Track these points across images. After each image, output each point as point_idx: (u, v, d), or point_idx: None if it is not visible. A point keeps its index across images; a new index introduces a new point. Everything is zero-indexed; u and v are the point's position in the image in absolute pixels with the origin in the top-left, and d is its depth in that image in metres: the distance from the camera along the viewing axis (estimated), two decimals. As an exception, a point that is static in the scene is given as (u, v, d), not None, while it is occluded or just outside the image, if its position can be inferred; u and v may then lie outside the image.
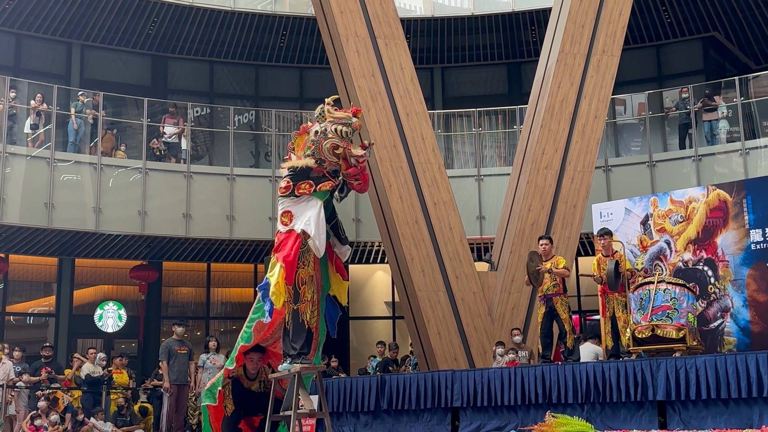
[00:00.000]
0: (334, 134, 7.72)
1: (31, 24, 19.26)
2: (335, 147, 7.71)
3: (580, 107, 14.82)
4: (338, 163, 7.76)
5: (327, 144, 7.72)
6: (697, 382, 8.81)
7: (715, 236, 12.57)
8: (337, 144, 7.71)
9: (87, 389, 14.17)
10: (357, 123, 7.78)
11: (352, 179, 7.87)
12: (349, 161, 7.76)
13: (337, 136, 7.71)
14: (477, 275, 14.20)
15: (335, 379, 12.34)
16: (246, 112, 20.47)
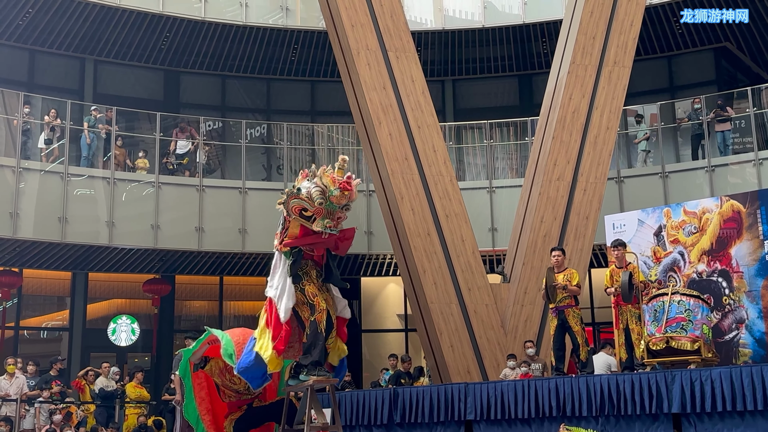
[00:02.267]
0: (306, 197, 7.49)
1: (45, 40, 19.41)
2: (301, 209, 7.59)
3: (592, 118, 14.80)
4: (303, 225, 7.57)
5: (294, 203, 7.60)
6: (713, 394, 8.76)
7: (729, 247, 12.51)
8: (303, 207, 7.52)
9: (100, 403, 14.19)
10: (337, 197, 7.45)
11: (320, 245, 7.68)
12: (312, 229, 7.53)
13: (308, 200, 7.49)
14: (489, 287, 14.16)
15: (348, 392, 12.31)
16: (258, 126, 20.53)
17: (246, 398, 8.74)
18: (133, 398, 14.60)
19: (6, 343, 17.76)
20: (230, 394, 8.70)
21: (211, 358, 8.61)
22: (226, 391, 8.69)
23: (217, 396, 8.74)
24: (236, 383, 8.66)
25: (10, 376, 13.50)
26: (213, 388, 8.73)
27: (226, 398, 8.72)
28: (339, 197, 7.46)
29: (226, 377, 8.62)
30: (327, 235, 7.45)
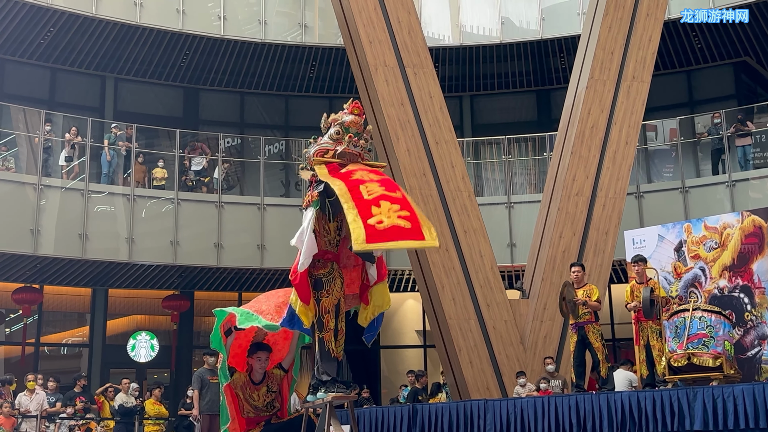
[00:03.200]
0: (326, 140, 7.48)
1: (66, 58, 19.61)
2: (323, 152, 7.57)
3: (611, 133, 14.75)
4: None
5: (314, 149, 7.61)
6: (735, 411, 8.65)
7: (750, 262, 12.39)
8: (324, 149, 7.43)
9: (120, 419, 14.23)
10: (350, 121, 7.32)
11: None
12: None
13: (327, 140, 7.40)
14: (508, 303, 14.10)
15: (367, 408, 12.28)
16: (276, 142, 20.63)
17: (264, 414, 8.74)
18: (152, 415, 14.62)
19: (26, 360, 17.86)
20: (249, 410, 8.70)
21: (236, 370, 8.62)
22: (246, 406, 8.68)
23: (238, 409, 8.74)
24: (256, 399, 8.66)
25: (30, 392, 13.58)
26: (236, 401, 8.73)
27: (245, 413, 8.71)
28: (353, 121, 7.41)
29: (247, 391, 8.63)
30: (354, 157, 7.28)
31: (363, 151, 7.47)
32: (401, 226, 6.02)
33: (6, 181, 16.18)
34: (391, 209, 6.14)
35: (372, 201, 6.15)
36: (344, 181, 6.62)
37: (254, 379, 8.62)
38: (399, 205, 6.10)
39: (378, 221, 6.03)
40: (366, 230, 5.95)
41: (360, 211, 6.08)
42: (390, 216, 6.08)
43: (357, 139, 7.41)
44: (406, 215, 6.10)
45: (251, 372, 8.63)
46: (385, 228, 6.00)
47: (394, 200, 6.16)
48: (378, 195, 6.21)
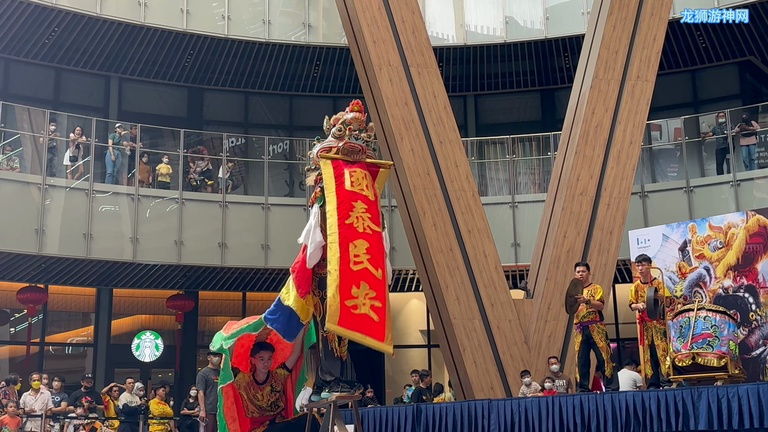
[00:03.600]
0: (330, 138, 7.65)
1: (70, 58, 19.64)
2: (326, 150, 7.62)
3: (615, 133, 14.74)
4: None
5: (318, 148, 7.66)
6: (740, 411, 8.64)
7: (755, 262, 12.38)
8: (328, 147, 7.59)
9: (124, 419, 14.25)
10: (352, 118, 7.40)
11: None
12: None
13: (331, 138, 7.60)
14: (513, 303, 14.09)
15: (371, 408, 12.28)
16: (280, 142, 20.64)
17: (268, 414, 8.74)
18: (156, 414, 14.64)
19: (31, 359, 17.89)
20: (253, 410, 8.70)
21: (239, 370, 8.63)
22: (250, 406, 8.69)
23: (242, 409, 8.74)
24: (260, 399, 8.65)
25: (35, 391, 13.60)
26: (239, 401, 8.74)
27: (249, 413, 8.71)
28: (354, 117, 7.45)
29: (250, 391, 8.63)
30: (357, 151, 7.30)
31: (366, 145, 7.50)
32: (371, 319, 6.72)
33: (11, 180, 16.21)
34: (368, 295, 6.78)
35: (355, 276, 6.75)
36: (339, 220, 6.98)
37: (258, 379, 8.62)
38: (375, 292, 6.78)
39: (353, 306, 6.71)
40: (341, 312, 6.63)
41: (341, 286, 6.70)
42: (365, 303, 6.74)
43: (358, 133, 7.45)
44: (378, 307, 6.77)
45: (255, 372, 8.64)
46: (358, 315, 6.69)
47: (373, 284, 6.79)
48: (361, 269, 6.82)
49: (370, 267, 6.91)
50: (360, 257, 6.93)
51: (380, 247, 7.08)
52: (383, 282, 6.92)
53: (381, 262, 6.96)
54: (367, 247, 7.00)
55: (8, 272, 17.09)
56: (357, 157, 7.42)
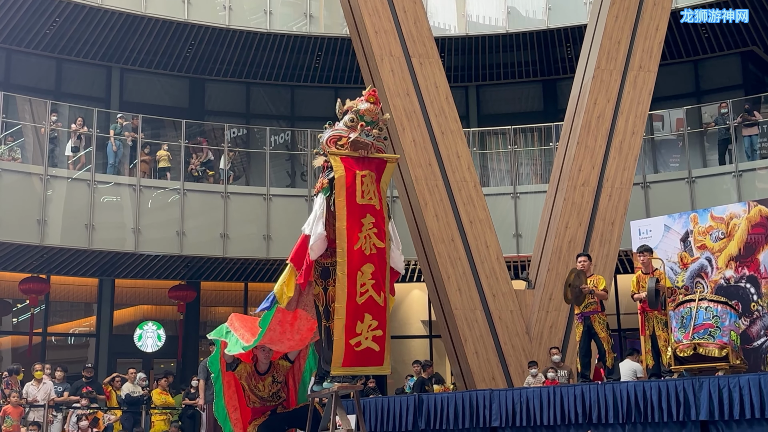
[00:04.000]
0: (341, 126, 7.60)
1: (72, 49, 19.62)
2: (337, 140, 7.63)
3: (617, 123, 14.72)
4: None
5: (328, 136, 7.66)
6: (741, 401, 8.65)
7: (757, 253, 12.37)
8: (338, 136, 7.56)
9: (127, 409, 14.29)
10: (365, 109, 7.50)
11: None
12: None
13: (341, 127, 7.57)
14: (514, 293, 14.10)
15: (373, 398, 12.30)
16: (282, 133, 20.63)
17: (270, 404, 8.76)
18: (158, 404, 14.68)
19: (34, 349, 17.93)
20: (254, 400, 8.73)
21: (241, 361, 8.66)
22: (251, 396, 8.71)
23: (243, 399, 8.77)
24: (261, 389, 8.68)
25: (37, 382, 13.63)
26: (240, 391, 8.76)
27: (251, 403, 8.74)
28: (368, 109, 7.51)
29: (251, 381, 8.65)
30: (366, 147, 7.39)
31: (376, 140, 7.53)
32: (372, 350, 7.39)
33: (12, 171, 16.21)
34: (370, 327, 7.37)
35: (360, 310, 7.33)
36: (348, 245, 7.36)
37: (259, 370, 8.64)
38: (377, 321, 7.38)
39: (356, 343, 7.33)
40: (345, 353, 7.28)
41: (347, 326, 7.28)
42: (367, 337, 7.36)
43: (370, 128, 7.46)
44: (379, 336, 7.41)
45: (256, 362, 8.65)
46: (360, 351, 7.34)
47: (376, 313, 7.39)
48: (365, 300, 7.37)
49: (374, 294, 7.41)
50: (365, 285, 7.40)
51: (383, 265, 7.52)
52: (384, 307, 7.45)
53: (383, 284, 7.47)
54: (373, 271, 7.44)
55: (10, 263, 17.12)
56: (364, 152, 7.47)
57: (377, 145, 7.59)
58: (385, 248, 7.51)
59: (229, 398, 8.80)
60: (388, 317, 7.50)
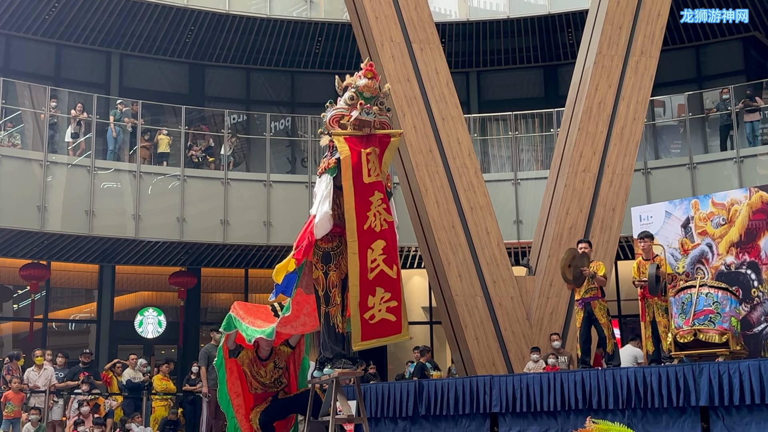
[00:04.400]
0: (342, 105, 7.60)
1: (71, 34, 19.55)
2: (339, 118, 7.62)
3: (618, 109, 14.67)
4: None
5: (331, 115, 7.66)
6: (741, 387, 8.65)
7: (758, 239, 12.36)
8: (340, 115, 7.55)
9: (128, 395, 14.32)
10: (364, 85, 7.48)
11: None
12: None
13: (342, 105, 7.59)
14: (515, 280, 14.10)
15: (373, 384, 12.32)
16: (282, 119, 20.58)
17: (272, 390, 8.78)
18: (159, 390, 14.71)
19: (35, 336, 17.97)
20: (257, 386, 8.75)
21: (243, 347, 8.67)
22: (253, 383, 8.73)
23: (245, 385, 8.79)
24: (263, 376, 8.69)
25: (38, 367, 13.65)
26: (242, 377, 8.78)
27: (252, 389, 8.76)
28: (367, 86, 7.49)
29: (253, 368, 8.67)
30: (369, 125, 7.38)
31: (378, 116, 7.52)
32: (388, 321, 7.46)
33: (12, 157, 16.19)
34: (383, 299, 7.42)
35: (371, 284, 7.39)
36: (358, 226, 7.39)
37: (261, 356, 8.64)
38: (390, 293, 7.44)
39: (371, 316, 7.40)
40: (362, 329, 7.36)
41: (360, 301, 7.34)
42: (381, 309, 7.42)
43: (369, 106, 7.46)
44: (394, 306, 7.46)
45: (258, 349, 8.66)
46: (375, 324, 7.41)
47: (388, 284, 7.44)
48: (377, 274, 7.41)
49: (385, 268, 7.44)
50: (376, 261, 7.44)
51: (394, 237, 7.57)
52: (398, 279, 7.48)
53: (395, 257, 7.51)
54: (384, 246, 7.48)
55: (11, 249, 17.12)
56: (368, 130, 7.47)
57: (380, 119, 7.58)
58: (393, 221, 7.58)
59: (231, 384, 8.83)
60: (401, 287, 7.56)
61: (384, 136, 7.59)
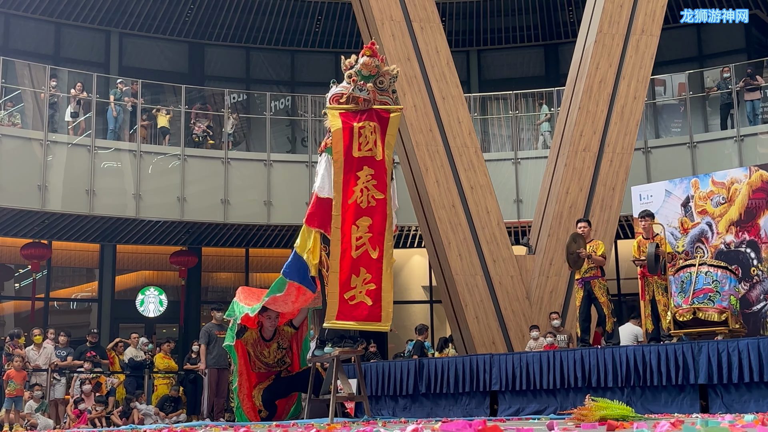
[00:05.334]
0: (343, 83, 7.65)
1: (70, 13, 19.47)
2: (339, 97, 7.64)
3: (619, 88, 14.64)
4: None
5: (332, 94, 7.69)
6: (740, 365, 8.70)
7: (757, 218, 12.38)
8: (340, 94, 7.59)
9: (130, 373, 14.40)
10: (363, 63, 7.50)
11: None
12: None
13: (345, 84, 7.60)
14: (515, 259, 14.14)
15: (373, 362, 12.39)
16: (282, 98, 20.54)
17: (274, 370, 8.84)
18: (161, 368, 14.79)
19: (36, 315, 18.03)
20: (260, 366, 8.81)
21: (248, 328, 8.72)
22: (257, 362, 8.79)
23: (248, 364, 8.85)
24: (266, 356, 8.75)
25: (37, 347, 13.71)
26: (246, 357, 8.85)
27: (256, 369, 8.83)
28: (365, 63, 7.51)
29: (257, 348, 8.72)
30: (360, 99, 7.39)
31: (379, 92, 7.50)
32: (364, 304, 7.37)
33: (12, 137, 16.17)
34: (364, 280, 7.37)
35: (355, 264, 7.32)
36: (343, 199, 7.37)
37: (265, 336, 8.69)
38: (371, 275, 7.35)
39: (351, 297, 7.33)
40: (339, 307, 7.29)
41: (341, 280, 7.30)
42: (361, 291, 7.37)
43: (363, 83, 7.45)
44: (372, 289, 7.39)
45: (262, 329, 8.71)
46: (354, 305, 7.34)
47: (370, 266, 7.39)
48: (361, 254, 7.38)
49: (369, 248, 7.41)
50: (362, 239, 7.40)
51: (382, 217, 7.46)
52: (380, 261, 7.42)
53: (380, 238, 7.43)
54: (369, 224, 7.44)
55: (12, 228, 17.14)
56: (364, 105, 7.48)
57: (380, 98, 7.58)
58: (386, 199, 7.49)
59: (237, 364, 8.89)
60: (385, 271, 7.47)
61: (383, 111, 7.59)
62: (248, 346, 8.78)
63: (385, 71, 7.62)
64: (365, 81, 7.51)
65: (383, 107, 7.60)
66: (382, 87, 7.60)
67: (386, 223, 7.50)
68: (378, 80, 7.57)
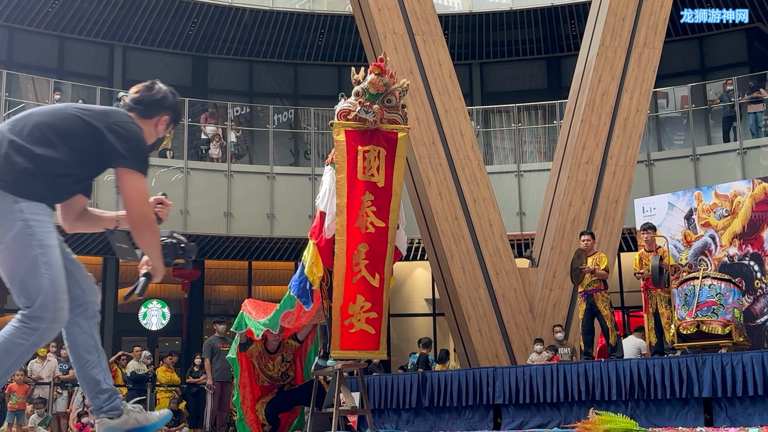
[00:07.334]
0: (351, 99, 7.49)
1: (74, 27, 19.56)
2: (346, 113, 7.56)
3: (622, 101, 14.66)
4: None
5: (339, 110, 7.59)
6: (744, 378, 8.66)
7: (761, 230, 12.36)
8: (348, 110, 7.47)
9: (132, 386, 14.37)
10: (370, 81, 7.34)
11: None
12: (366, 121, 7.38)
13: (353, 100, 7.45)
14: (518, 272, 14.12)
15: (376, 375, 12.36)
16: (285, 111, 20.58)
17: (278, 383, 8.83)
18: (164, 382, 14.77)
19: (39, 328, 17.98)
20: (264, 379, 8.80)
21: (252, 341, 8.72)
22: (261, 375, 8.78)
23: (253, 377, 8.84)
24: (270, 369, 8.74)
25: (41, 359, 13.70)
26: (251, 370, 8.84)
27: (260, 382, 8.82)
28: (373, 81, 7.33)
29: (261, 360, 8.72)
30: (367, 121, 7.25)
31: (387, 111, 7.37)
32: (366, 333, 7.29)
33: (16, 150, 16.18)
34: (363, 309, 7.24)
35: (353, 290, 7.21)
36: (348, 222, 7.25)
37: (269, 349, 8.68)
38: (371, 303, 7.25)
39: (350, 324, 7.23)
40: (341, 337, 7.20)
41: (342, 306, 7.19)
42: (360, 319, 7.25)
43: (369, 104, 7.35)
44: (374, 318, 7.28)
45: (266, 342, 8.70)
46: (354, 333, 7.25)
47: (369, 294, 7.24)
48: (358, 280, 7.25)
49: (367, 275, 7.28)
50: (359, 265, 7.26)
51: (381, 245, 7.33)
52: (380, 288, 7.30)
53: (378, 265, 7.30)
54: (367, 250, 7.29)
55: (15, 242, 17.13)
56: (371, 125, 7.37)
57: (387, 116, 7.45)
58: (387, 228, 7.32)
59: (241, 377, 8.89)
60: (385, 300, 7.34)
61: (390, 132, 7.46)
62: (253, 359, 8.77)
63: (393, 89, 7.50)
64: (372, 101, 7.39)
65: (391, 127, 7.47)
66: (390, 105, 7.49)
67: (386, 251, 7.33)
68: (386, 98, 7.46)
